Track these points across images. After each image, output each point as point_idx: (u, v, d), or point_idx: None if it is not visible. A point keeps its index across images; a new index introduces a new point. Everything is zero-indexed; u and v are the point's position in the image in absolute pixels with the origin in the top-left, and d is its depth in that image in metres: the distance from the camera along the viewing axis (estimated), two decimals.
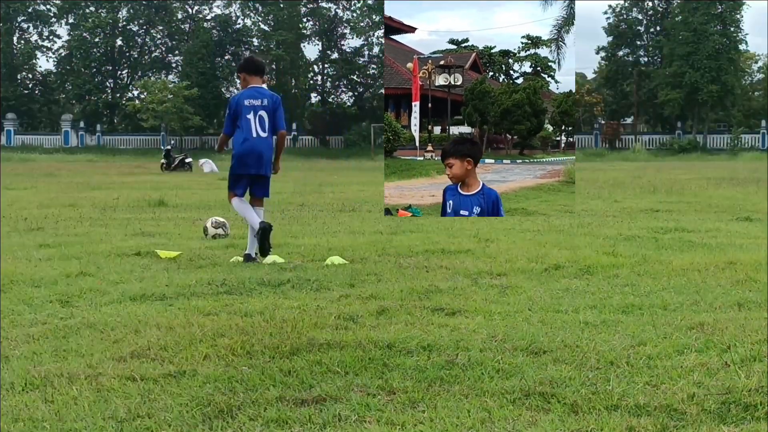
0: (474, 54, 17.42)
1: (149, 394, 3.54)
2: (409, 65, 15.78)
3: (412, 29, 16.75)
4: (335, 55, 73.56)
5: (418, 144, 15.50)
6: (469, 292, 5.78)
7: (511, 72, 18.13)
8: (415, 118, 15.47)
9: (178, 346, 4.27)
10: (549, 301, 5.44)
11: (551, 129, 17.34)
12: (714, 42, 59.56)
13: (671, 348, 4.18)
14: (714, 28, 60.42)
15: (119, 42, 73.05)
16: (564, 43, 16.59)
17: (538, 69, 17.67)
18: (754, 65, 73.11)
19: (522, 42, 17.51)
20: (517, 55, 17.74)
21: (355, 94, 74.22)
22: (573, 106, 17.42)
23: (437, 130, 16.70)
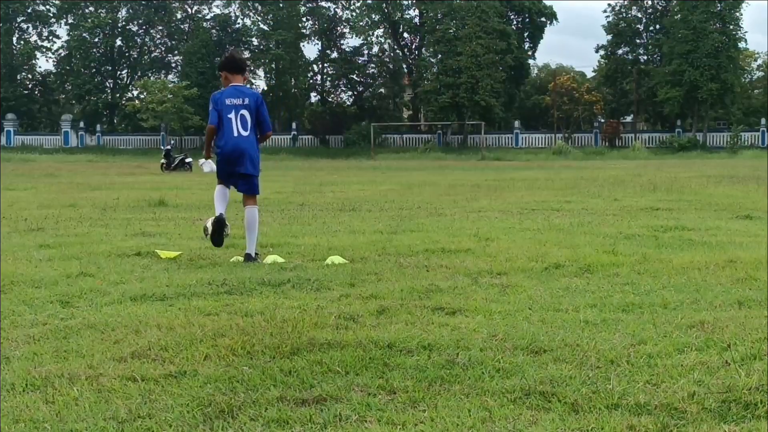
0: None
1: (150, 394, 3.54)
2: None
3: None
4: (335, 55, 73.56)
5: None
6: (470, 291, 5.78)
7: None
8: None
9: (178, 346, 4.27)
10: (549, 300, 5.44)
11: None
12: (713, 40, 59.56)
13: (671, 346, 4.19)
14: (713, 26, 60.43)
15: (119, 42, 73.04)
16: None
17: None
18: (753, 63, 73.13)
19: None
20: None
21: (355, 93, 74.23)
22: None
23: None
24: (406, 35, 73.32)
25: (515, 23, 70.30)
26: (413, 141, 66.14)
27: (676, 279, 6.19)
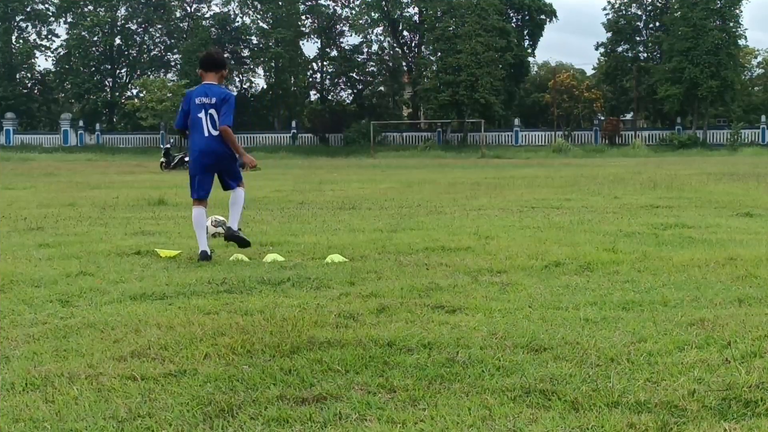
0: None
1: (150, 393, 3.54)
2: None
3: None
4: (334, 53, 73.53)
5: None
6: (470, 289, 5.78)
7: None
8: None
9: (178, 345, 4.27)
10: (549, 298, 5.44)
11: None
12: (713, 37, 59.54)
13: (672, 344, 4.18)
14: (713, 23, 60.40)
15: (118, 41, 72.99)
16: None
17: None
18: (753, 60, 73.11)
19: None
20: None
21: (355, 91, 74.21)
22: None
23: None
24: (405, 33, 73.29)
25: (515, 21, 70.27)
26: (413, 139, 66.12)
27: (676, 276, 6.19)
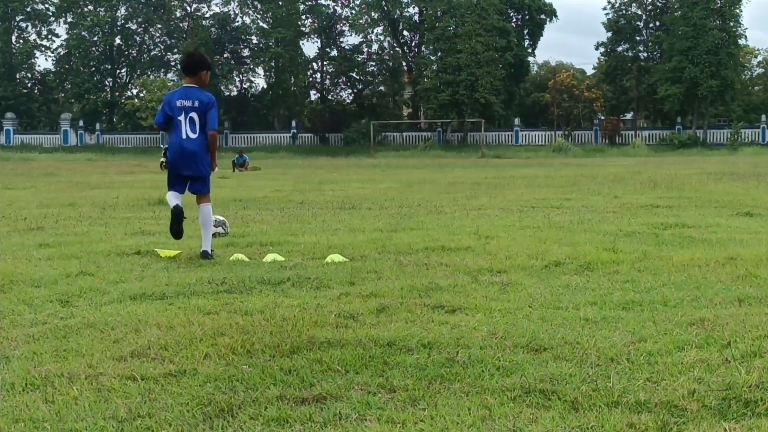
0: None
1: (150, 393, 3.54)
2: None
3: None
4: (334, 53, 73.53)
5: None
6: (470, 289, 5.78)
7: None
8: None
9: (178, 345, 4.27)
10: (549, 298, 5.43)
11: None
12: (713, 37, 59.57)
13: (671, 344, 4.18)
14: (713, 22, 60.42)
15: (118, 41, 73.02)
16: None
17: None
18: (753, 60, 73.13)
19: None
20: None
21: (355, 91, 74.22)
22: None
23: None
24: (405, 33, 73.31)
25: (515, 20, 70.29)
26: (413, 139, 66.12)
27: (676, 276, 6.19)
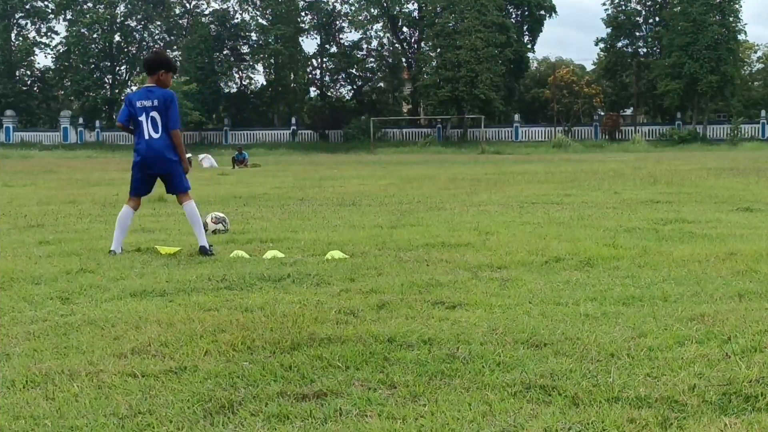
0: None
1: (150, 390, 3.54)
2: None
3: None
4: (334, 49, 73.49)
5: None
6: (470, 285, 5.77)
7: None
8: None
9: (178, 341, 4.27)
10: (549, 294, 5.43)
11: None
12: (713, 32, 59.53)
13: (672, 339, 4.18)
14: (713, 18, 60.38)
15: (117, 38, 73.00)
16: None
17: None
18: (753, 55, 73.08)
19: None
20: None
21: (354, 87, 74.19)
22: None
23: None
24: (405, 29, 73.25)
25: (514, 16, 70.24)
26: (413, 135, 66.11)
27: (676, 272, 6.19)
